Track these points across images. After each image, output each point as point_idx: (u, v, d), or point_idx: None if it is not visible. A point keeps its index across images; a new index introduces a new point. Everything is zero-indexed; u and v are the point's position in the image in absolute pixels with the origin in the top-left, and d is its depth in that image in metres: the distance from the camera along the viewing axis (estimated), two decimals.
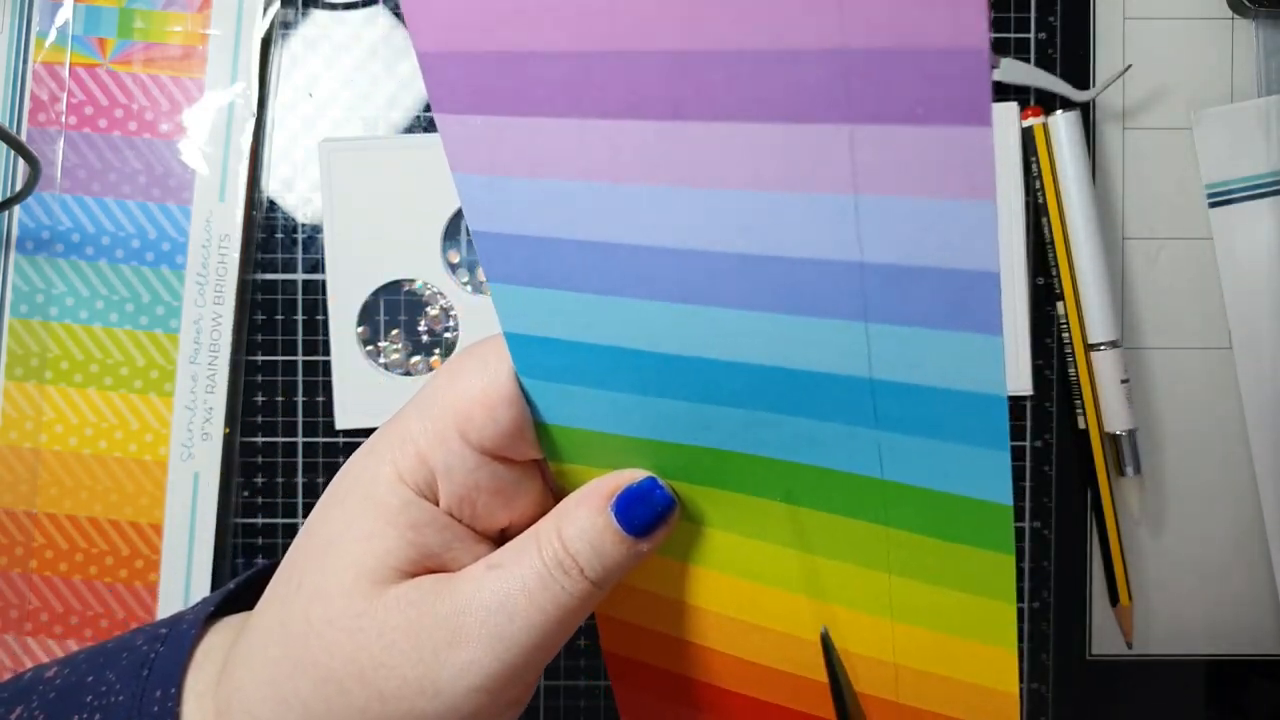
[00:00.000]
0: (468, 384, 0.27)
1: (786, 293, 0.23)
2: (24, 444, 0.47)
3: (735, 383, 0.25)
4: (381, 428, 0.29)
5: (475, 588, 0.26)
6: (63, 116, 0.47)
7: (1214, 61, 0.48)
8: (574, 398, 0.27)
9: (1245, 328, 0.47)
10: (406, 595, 0.26)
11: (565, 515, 0.27)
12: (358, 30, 0.48)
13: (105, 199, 0.47)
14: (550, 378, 0.27)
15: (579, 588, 0.27)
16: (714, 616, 0.30)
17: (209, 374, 0.47)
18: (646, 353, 0.25)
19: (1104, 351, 0.46)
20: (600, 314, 0.25)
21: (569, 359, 0.26)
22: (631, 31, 0.21)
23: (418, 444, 0.27)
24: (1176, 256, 0.48)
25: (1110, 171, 0.48)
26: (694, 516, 0.29)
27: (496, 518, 0.29)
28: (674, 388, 0.26)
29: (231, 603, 0.31)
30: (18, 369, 0.47)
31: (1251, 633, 0.48)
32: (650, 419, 0.27)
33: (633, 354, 0.26)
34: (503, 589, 0.26)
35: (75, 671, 0.29)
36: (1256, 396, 0.47)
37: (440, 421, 0.27)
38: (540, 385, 0.27)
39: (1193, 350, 0.48)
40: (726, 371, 0.25)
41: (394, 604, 0.26)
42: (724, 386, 0.25)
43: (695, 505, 0.29)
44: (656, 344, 0.25)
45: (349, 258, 0.47)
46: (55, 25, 0.47)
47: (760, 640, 0.30)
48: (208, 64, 0.47)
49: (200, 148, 0.47)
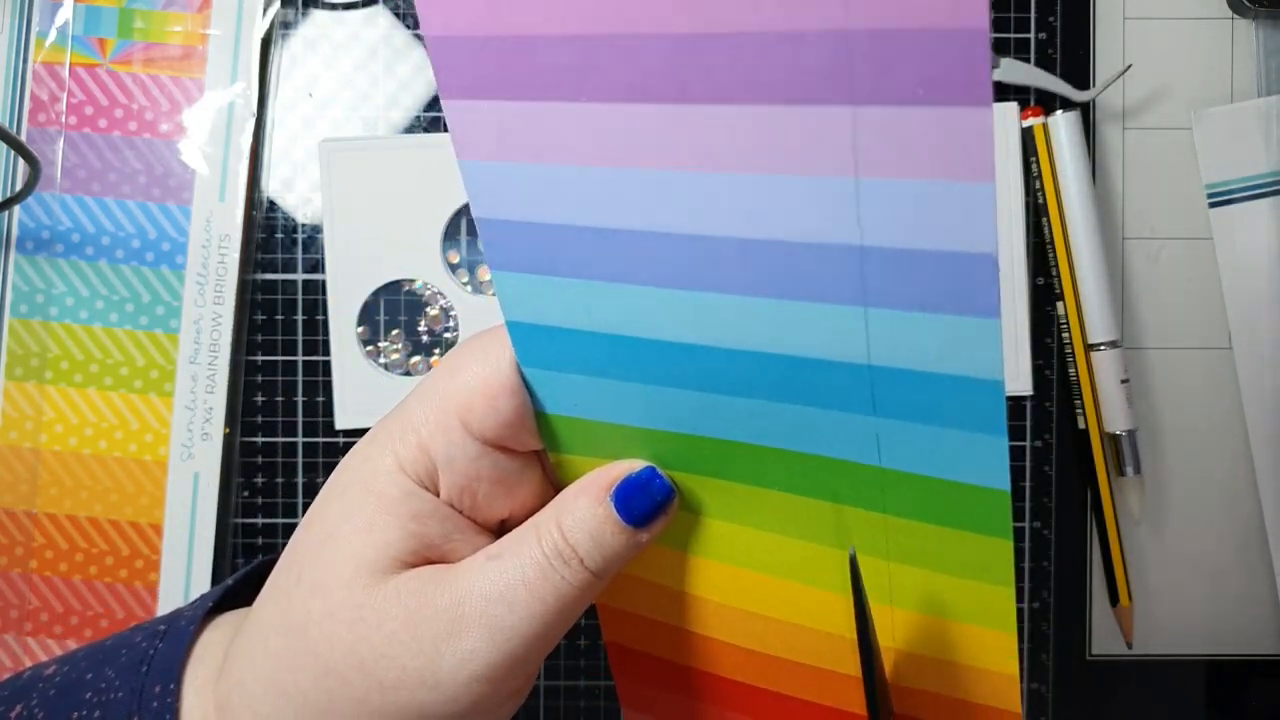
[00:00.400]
0: (469, 374, 0.27)
1: (786, 277, 0.23)
2: (24, 444, 0.47)
3: (734, 370, 0.25)
4: (382, 419, 0.29)
5: (475, 578, 0.26)
6: (63, 116, 0.47)
7: (1214, 61, 0.48)
8: (574, 387, 0.27)
9: (1245, 328, 0.47)
10: (406, 586, 0.26)
11: (565, 506, 0.27)
12: (358, 30, 0.48)
13: (105, 199, 0.47)
14: (551, 366, 0.27)
15: (579, 578, 0.27)
16: (715, 605, 0.30)
17: (209, 374, 0.47)
18: (647, 340, 0.25)
19: (1104, 351, 0.46)
20: (601, 301, 0.25)
21: (570, 348, 0.26)
22: (637, 15, 0.21)
23: (419, 434, 0.27)
24: (1176, 256, 0.48)
25: (1110, 171, 0.48)
26: (694, 506, 0.29)
27: (496, 508, 0.29)
28: (674, 376, 0.26)
29: (230, 599, 0.31)
30: (18, 369, 0.47)
31: (1251, 633, 0.48)
32: (650, 408, 0.27)
33: (633, 342, 0.26)
34: (503, 579, 0.26)
35: (74, 669, 0.29)
36: (1256, 396, 0.47)
37: (442, 411, 0.27)
38: (541, 374, 0.27)
39: (1193, 350, 0.48)
40: (726, 359, 0.25)
41: (394, 595, 0.26)
42: (723, 374, 0.25)
43: (695, 494, 0.29)
44: (657, 331, 0.25)
45: (349, 258, 0.47)
46: (55, 25, 0.47)
47: (762, 628, 0.30)
48: (208, 64, 0.47)
49: (200, 148, 0.47)
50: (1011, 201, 0.46)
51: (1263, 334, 0.47)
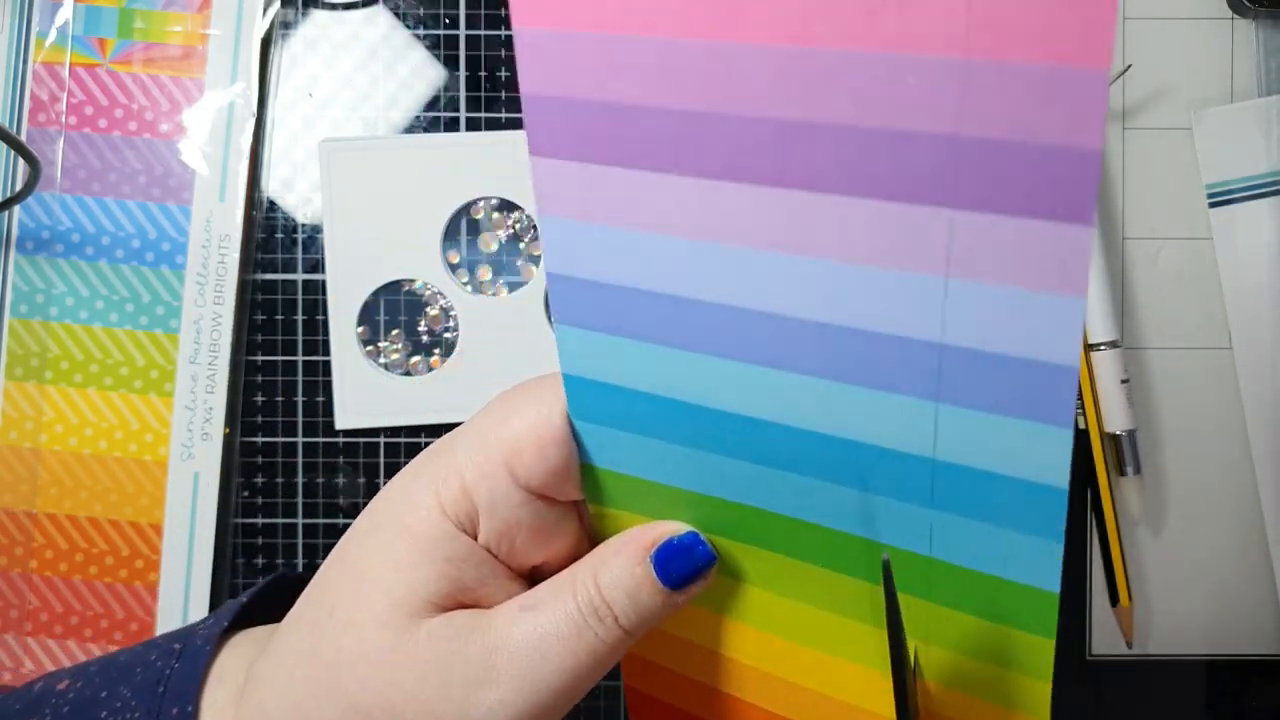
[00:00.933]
0: (520, 421, 0.27)
1: (862, 365, 0.23)
2: (24, 444, 0.47)
3: (792, 447, 0.25)
4: (426, 453, 0.29)
5: (509, 628, 0.27)
6: (63, 116, 0.47)
7: (1214, 61, 0.48)
8: (624, 443, 0.27)
9: (1245, 328, 0.47)
10: (440, 631, 0.26)
11: (603, 562, 0.27)
12: (358, 30, 0.48)
13: (105, 199, 0.47)
14: (603, 422, 0.27)
15: (612, 635, 0.27)
16: (743, 666, 0.30)
17: (209, 374, 0.47)
18: (705, 408, 0.26)
19: (1104, 351, 0.46)
20: (665, 365, 0.25)
21: (625, 405, 0.27)
22: (745, 98, 0.21)
23: (463, 477, 0.27)
24: (1176, 256, 0.48)
25: (1110, 171, 0.48)
26: (732, 571, 0.29)
27: (532, 555, 0.29)
28: (728, 444, 0.26)
29: (243, 615, 0.31)
30: (18, 369, 0.47)
31: (1251, 633, 0.48)
32: (699, 473, 0.27)
33: (691, 407, 0.26)
34: (536, 631, 0.26)
35: (89, 685, 0.29)
36: (1256, 396, 0.47)
37: (488, 457, 0.27)
38: (591, 428, 0.28)
39: (1193, 350, 0.48)
40: (784, 435, 0.25)
41: (426, 640, 0.26)
42: (780, 449, 0.25)
43: (734, 560, 0.29)
44: (717, 400, 0.25)
45: (349, 258, 0.47)
46: (55, 25, 0.47)
47: (788, 694, 0.30)
48: (208, 64, 0.47)
49: (200, 148, 0.47)
50: None
51: (1263, 334, 0.47)
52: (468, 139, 0.48)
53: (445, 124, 0.48)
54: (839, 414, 0.24)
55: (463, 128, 0.48)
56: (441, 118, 0.48)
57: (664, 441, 0.27)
